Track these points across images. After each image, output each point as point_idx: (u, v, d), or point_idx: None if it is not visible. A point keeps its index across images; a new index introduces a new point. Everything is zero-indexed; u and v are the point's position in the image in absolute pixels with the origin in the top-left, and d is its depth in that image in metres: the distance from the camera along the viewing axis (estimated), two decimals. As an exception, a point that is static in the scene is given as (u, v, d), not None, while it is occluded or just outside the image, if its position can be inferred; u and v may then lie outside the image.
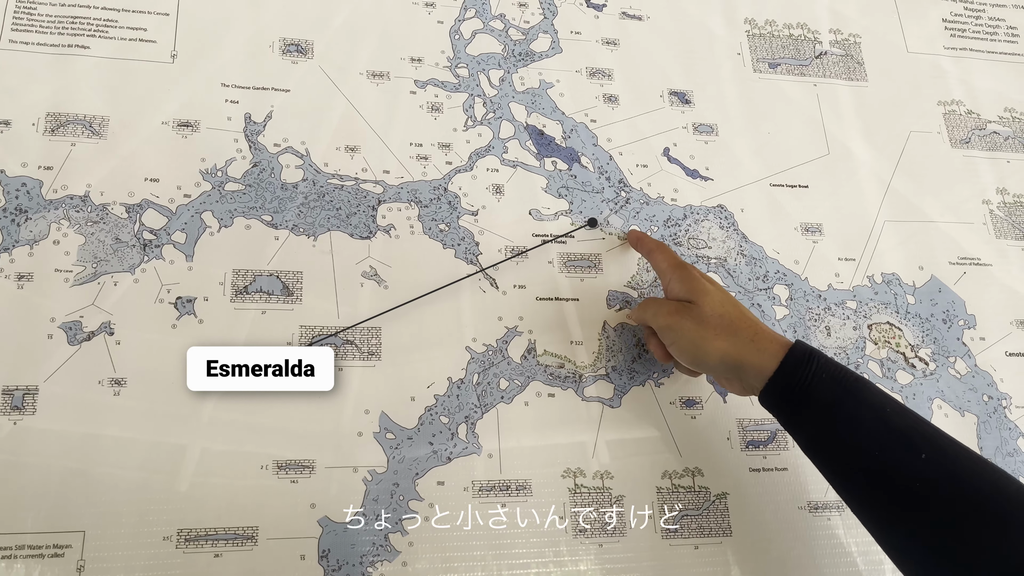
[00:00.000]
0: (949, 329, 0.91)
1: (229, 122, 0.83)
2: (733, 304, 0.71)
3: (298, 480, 0.71)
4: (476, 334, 0.80)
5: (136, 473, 0.69)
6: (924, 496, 0.58)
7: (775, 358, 0.66)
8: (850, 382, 0.64)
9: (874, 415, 0.62)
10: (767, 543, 0.77)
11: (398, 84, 0.88)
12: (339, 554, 0.69)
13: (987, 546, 0.55)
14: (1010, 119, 1.04)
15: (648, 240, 0.81)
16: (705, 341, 0.69)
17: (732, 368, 0.68)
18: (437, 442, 0.75)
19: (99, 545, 0.66)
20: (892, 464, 0.60)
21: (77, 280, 0.74)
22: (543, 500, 0.75)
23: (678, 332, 0.71)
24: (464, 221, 0.84)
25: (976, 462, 0.59)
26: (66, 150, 0.78)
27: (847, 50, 1.03)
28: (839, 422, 0.63)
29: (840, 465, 0.64)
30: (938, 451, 0.60)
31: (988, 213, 0.98)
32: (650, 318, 0.75)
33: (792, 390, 0.64)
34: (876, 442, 0.61)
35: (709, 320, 0.69)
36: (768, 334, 0.68)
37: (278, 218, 0.79)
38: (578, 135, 0.90)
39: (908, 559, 0.61)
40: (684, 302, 0.72)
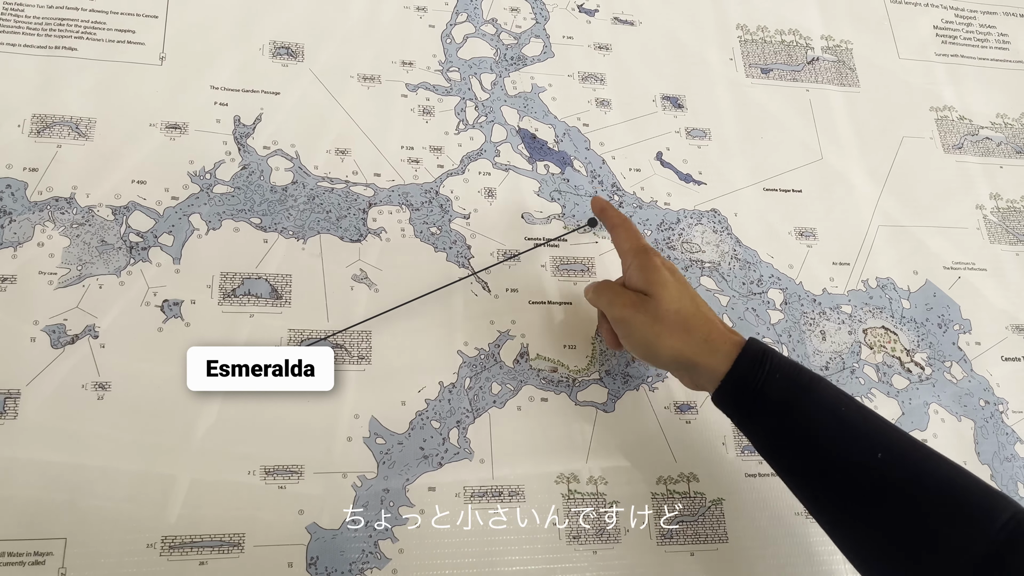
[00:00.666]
0: (944, 334, 0.90)
1: (218, 124, 0.82)
2: (691, 298, 0.69)
3: (286, 486, 0.70)
4: (468, 338, 0.79)
5: (120, 479, 0.67)
6: (881, 493, 0.57)
7: (728, 358, 0.64)
8: (804, 381, 0.63)
9: (829, 414, 0.61)
10: (764, 549, 0.76)
11: (389, 87, 0.88)
12: (328, 561, 0.68)
13: (945, 539, 0.54)
14: (1002, 125, 1.04)
15: (612, 213, 0.77)
16: (659, 338, 0.67)
17: (684, 367, 0.67)
18: (428, 447, 0.74)
19: (81, 552, 0.64)
20: (848, 461, 0.59)
21: (61, 283, 0.73)
22: (536, 506, 0.74)
23: (632, 326, 0.69)
24: (456, 224, 0.83)
25: (932, 457, 0.59)
26: (52, 152, 0.77)
27: (839, 56, 1.03)
28: (794, 422, 0.62)
29: (796, 463, 0.63)
30: (894, 448, 0.59)
31: (982, 218, 0.97)
32: (604, 306, 0.73)
33: (744, 391, 0.63)
34: (831, 440, 0.60)
35: (664, 317, 0.67)
36: (722, 332, 0.67)
37: (268, 220, 0.78)
38: (570, 139, 0.90)
39: (866, 556, 0.60)
40: (640, 294, 0.70)
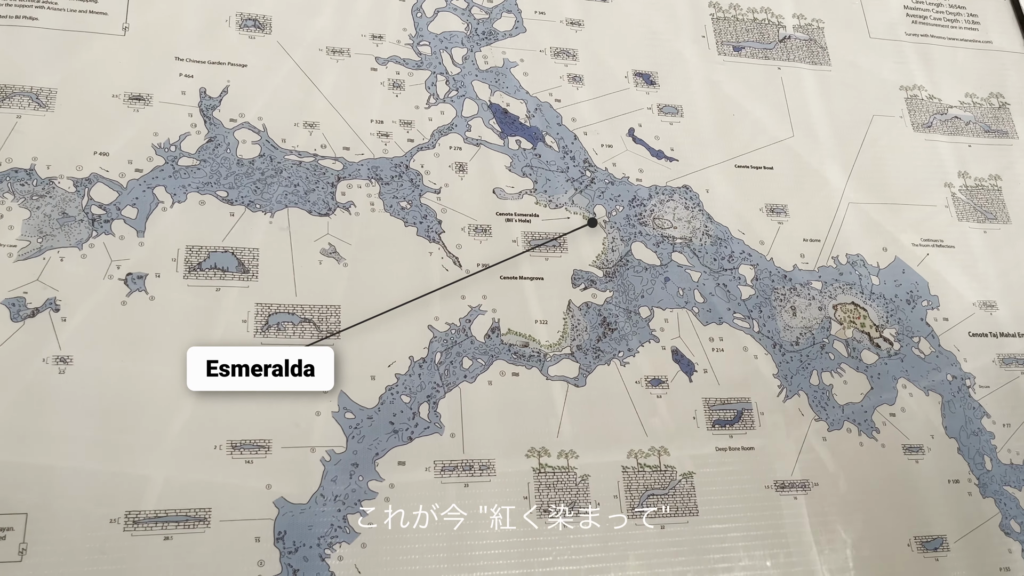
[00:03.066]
0: (913, 310, 0.91)
1: (183, 96, 0.80)
2: None
3: (253, 460, 0.69)
4: (439, 312, 0.78)
5: (82, 453, 0.66)
6: None
7: None
8: None
9: None
10: (734, 522, 0.76)
11: (359, 61, 0.87)
12: (296, 536, 0.67)
13: None
14: (971, 104, 1.04)
15: None
16: None
17: None
18: (398, 421, 0.73)
19: (42, 527, 0.63)
20: None
21: (21, 255, 0.71)
22: (506, 480, 0.73)
23: None
24: (426, 199, 0.82)
25: None
26: (11, 122, 0.75)
27: (810, 35, 1.03)
28: None
29: None
30: None
31: (950, 196, 0.98)
32: None
33: None
34: None
35: None
36: None
37: (234, 194, 0.77)
38: (542, 114, 0.89)
39: None
40: None
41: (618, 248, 0.85)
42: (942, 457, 0.84)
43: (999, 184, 1.00)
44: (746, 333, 0.84)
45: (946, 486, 0.83)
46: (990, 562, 0.81)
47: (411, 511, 0.70)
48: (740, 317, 0.85)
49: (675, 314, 0.84)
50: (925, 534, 0.80)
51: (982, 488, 0.84)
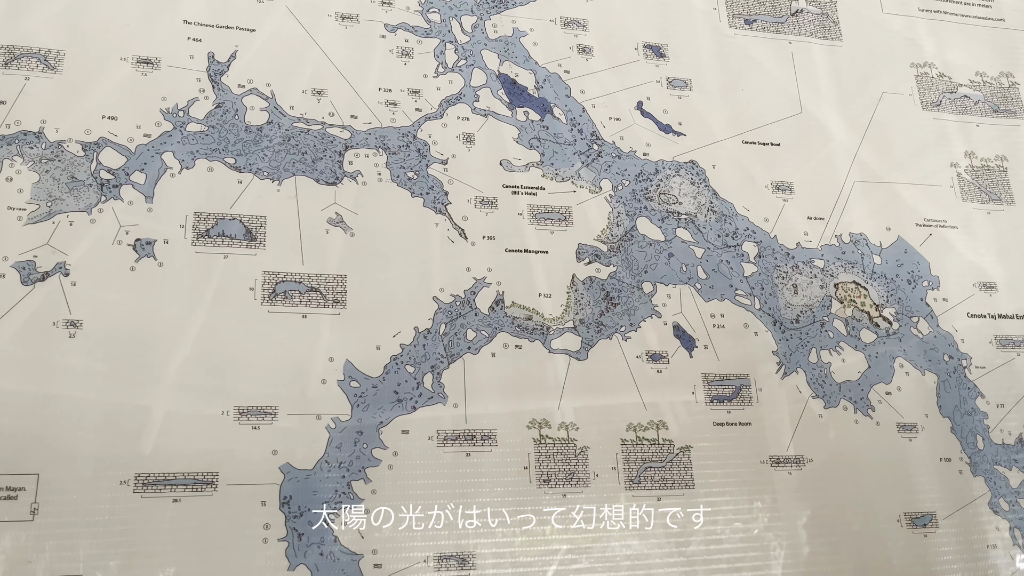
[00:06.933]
0: (913, 290, 0.91)
1: (191, 61, 0.80)
2: None
3: (260, 426, 0.70)
4: (444, 284, 0.79)
5: (93, 415, 0.67)
6: None
7: None
8: None
9: None
10: (729, 496, 0.78)
11: (368, 27, 0.86)
12: (301, 500, 0.69)
13: None
14: (981, 83, 1.04)
15: None
16: None
17: None
18: (402, 391, 0.74)
19: (54, 488, 0.65)
20: None
21: (31, 219, 0.71)
22: (508, 450, 0.75)
23: None
24: (433, 170, 0.82)
25: None
26: (20, 84, 0.75)
27: (823, 8, 1.02)
28: None
29: None
30: None
31: (956, 176, 0.98)
32: None
33: None
34: None
35: None
36: None
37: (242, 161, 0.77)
38: (551, 85, 0.89)
39: None
40: None
41: (623, 223, 0.85)
42: (935, 436, 0.86)
43: (1005, 165, 1.00)
44: (747, 310, 0.85)
45: (938, 464, 0.85)
46: (978, 539, 0.83)
47: (413, 479, 0.72)
48: (742, 294, 0.86)
49: (677, 290, 0.84)
50: (915, 511, 0.82)
51: (973, 467, 0.85)
